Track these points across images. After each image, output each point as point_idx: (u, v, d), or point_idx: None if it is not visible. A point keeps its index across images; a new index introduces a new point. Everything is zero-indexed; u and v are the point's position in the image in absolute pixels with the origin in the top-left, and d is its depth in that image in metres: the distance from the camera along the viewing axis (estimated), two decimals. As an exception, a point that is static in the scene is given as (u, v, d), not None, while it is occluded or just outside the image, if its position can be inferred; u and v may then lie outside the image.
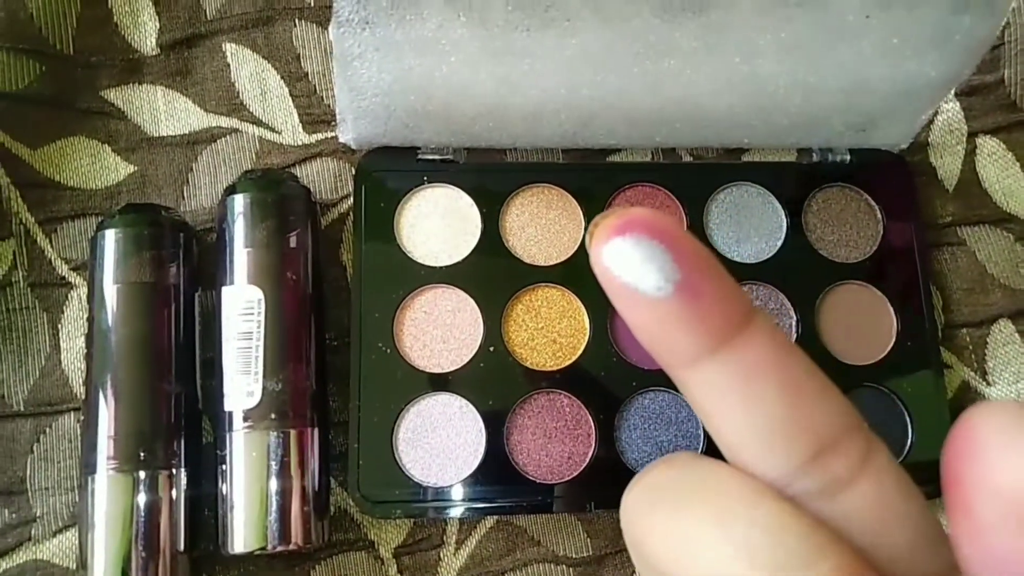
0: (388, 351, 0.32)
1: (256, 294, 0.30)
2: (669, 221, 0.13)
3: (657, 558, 0.14)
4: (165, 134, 0.35)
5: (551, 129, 0.33)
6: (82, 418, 0.30)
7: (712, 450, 0.34)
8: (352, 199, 0.34)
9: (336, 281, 0.34)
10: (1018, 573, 0.12)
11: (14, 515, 0.31)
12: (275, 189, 0.31)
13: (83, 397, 0.30)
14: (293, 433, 0.29)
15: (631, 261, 0.13)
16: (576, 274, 0.34)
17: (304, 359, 0.30)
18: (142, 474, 0.28)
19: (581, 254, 0.34)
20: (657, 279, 0.13)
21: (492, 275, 0.33)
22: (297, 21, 0.36)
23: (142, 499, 0.28)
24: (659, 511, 0.14)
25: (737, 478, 0.14)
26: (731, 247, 0.35)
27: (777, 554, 0.12)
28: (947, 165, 0.37)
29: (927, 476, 0.35)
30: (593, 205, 0.34)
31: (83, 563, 0.28)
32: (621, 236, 0.13)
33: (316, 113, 0.35)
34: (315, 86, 0.35)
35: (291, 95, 0.35)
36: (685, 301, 0.13)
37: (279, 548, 0.29)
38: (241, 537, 0.29)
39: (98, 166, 0.34)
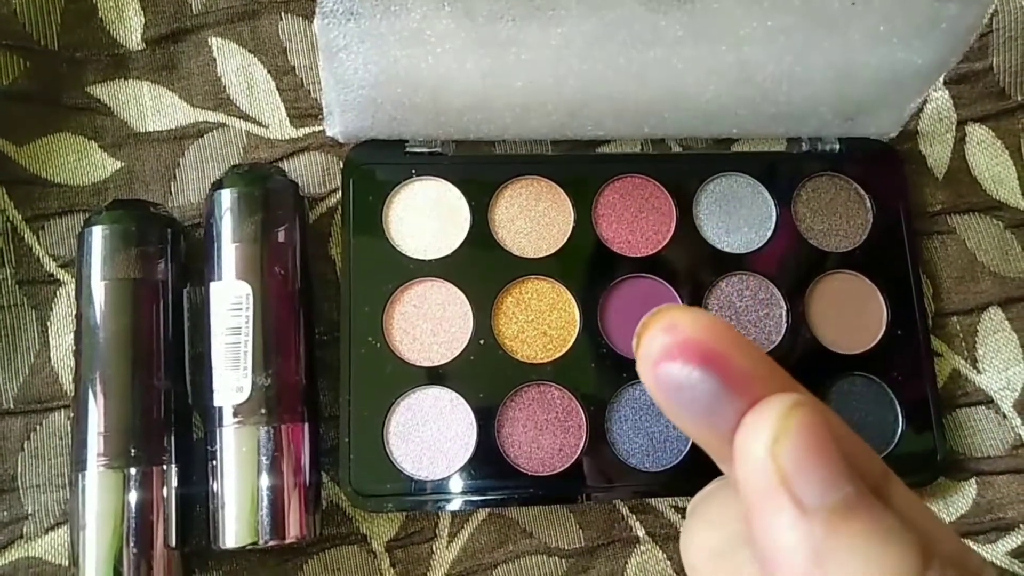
0: (378, 345, 0.32)
1: (244, 289, 0.30)
2: (720, 338, 0.14)
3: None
4: (152, 129, 0.34)
5: (539, 120, 0.33)
6: (72, 415, 0.30)
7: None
8: (340, 193, 0.34)
9: (325, 275, 0.34)
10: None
11: (5, 513, 0.31)
12: (262, 184, 0.31)
13: (73, 394, 0.30)
14: (283, 428, 0.29)
15: (682, 386, 0.14)
16: (566, 266, 0.34)
17: (293, 354, 0.30)
18: (133, 470, 0.28)
19: (571, 246, 0.34)
20: (707, 403, 0.14)
21: (482, 268, 0.33)
22: (283, 15, 0.35)
23: (133, 495, 0.28)
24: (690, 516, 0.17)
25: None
26: (721, 237, 0.35)
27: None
28: (936, 153, 0.37)
29: (918, 464, 0.36)
30: (582, 197, 0.34)
31: (75, 560, 0.28)
32: (671, 360, 0.14)
33: (303, 107, 0.35)
34: (302, 80, 0.35)
35: (278, 89, 0.35)
36: (729, 412, 0.14)
37: (271, 543, 0.29)
38: (233, 532, 0.29)
39: (85, 162, 0.34)
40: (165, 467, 0.29)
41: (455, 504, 0.31)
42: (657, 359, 0.14)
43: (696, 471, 0.32)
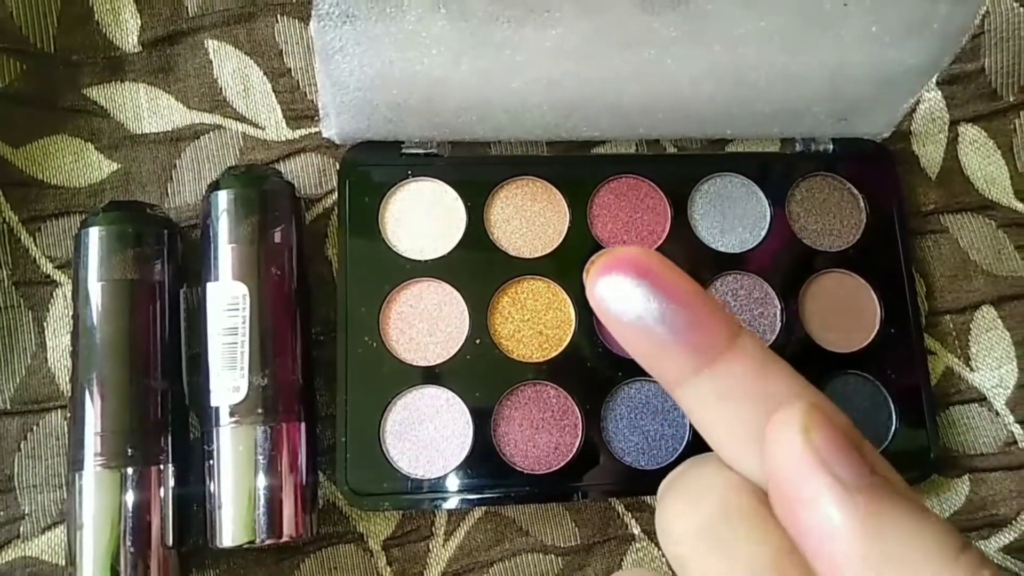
0: (374, 345, 0.32)
1: (241, 290, 0.30)
2: (654, 258, 0.15)
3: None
4: (148, 131, 0.35)
5: (534, 121, 0.34)
6: (69, 415, 0.30)
7: (697, 439, 0.34)
8: (336, 194, 0.34)
9: (322, 276, 0.34)
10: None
11: (2, 513, 0.31)
12: (259, 185, 0.31)
13: (69, 394, 0.30)
14: (280, 427, 0.29)
15: (618, 295, 0.15)
16: (561, 266, 0.34)
17: (290, 354, 0.30)
18: (130, 470, 0.28)
19: (566, 246, 0.34)
20: (641, 310, 0.15)
21: (477, 268, 0.33)
22: (279, 17, 0.36)
23: (130, 495, 0.28)
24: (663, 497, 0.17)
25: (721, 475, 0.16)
26: (715, 237, 0.35)
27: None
28: (929, 153, 0.38)
29: (911, 461, 0.36)
30: (577, 197, 0.35)
31: (72, 559, 0.28)
32: (610, 274, 0.15)
33: (299, 108, 0.35)
34: (298, 81, 0.35)
35: (274, 91, 0.35)
36: (667, 330, 0.15)
37: (268, 542, 0.29)
38: (229, 531, 0.29)
39: (81, 164, 0.34)
40: (162, 467, 0.29)
41: (451, 503, 0.31)
42: (596, 277, 0.15)
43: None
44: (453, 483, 0.32)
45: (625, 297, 0.15)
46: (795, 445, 0.14)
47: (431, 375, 0.32)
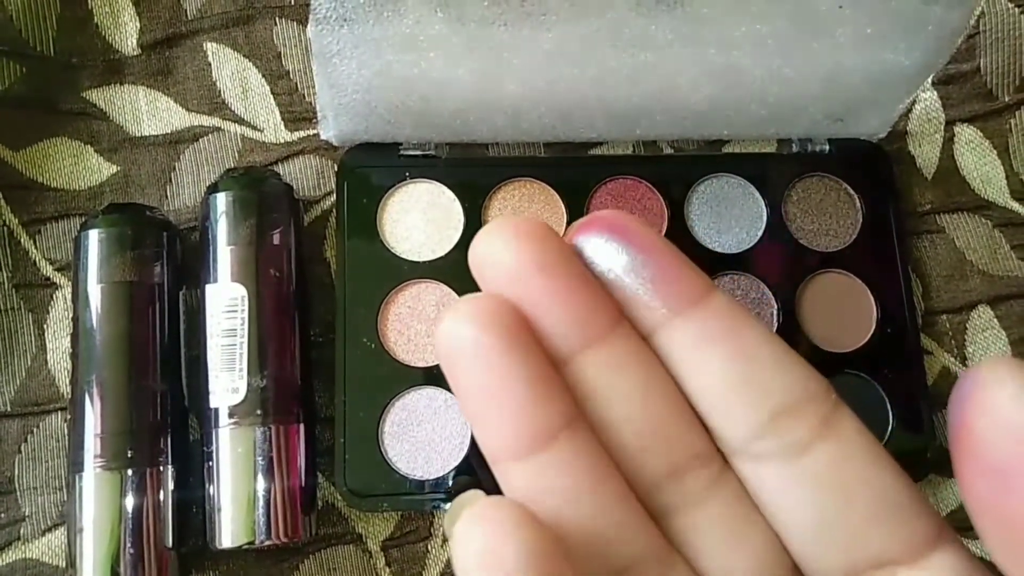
0: (373, 346, 0.32)
1: (239, 291, 0.30)
2: (627, 218, 0.16)
3: None
4: (147, 134, 0.35)
5: (531, 123, 0.34)
6: (69, 417, 0.30)
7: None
8: (335, 195, 0.34)
9: (320, 278, 0.34)
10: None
11: (3, 515, 0.31)
12: (257, 187, 0.31)
13: (69, 396, 0.30)
14: (279, 429, 0.29)
15: (592, 250, 0.16)
16: (559, 267, 0.34)
17: (288, 355, 0.30)
18: (129, 472, 0.29)
19: (563, 247, 0.34)
20: (612, 263, 0.15)
21: (475, 269, 0.34)
22: (277, 19, 0.36)
23: (130, 496, 0.28)
24: None
25: None
26: (712, 238, 0.35)
27: None
28: (925, 153, 0.38)
29: (908, 460, 0.36)
30: (575, 198, 0.35)
31: (72, 561, 0.28)
32: (585, 232, 0.16)
33: (298, 110, 0.35)
34: (296, 84, 0.35)
35: (272, 93, 0.35)
36: (636, 279, 0.15)
37: (267, 542, 0.29)
38: (229, 532, 0.29)
39: (81, 167, 0.34)
40: (162, 468, 0.29)
41: (450, 503, 0.32)
42: (573, 236, 0.16)
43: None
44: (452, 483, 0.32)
45: (597, 251, 0.15)
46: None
47: (429, 376, 0.32)
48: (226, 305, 0.30)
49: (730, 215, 0.36)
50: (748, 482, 0.15)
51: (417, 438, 0.32)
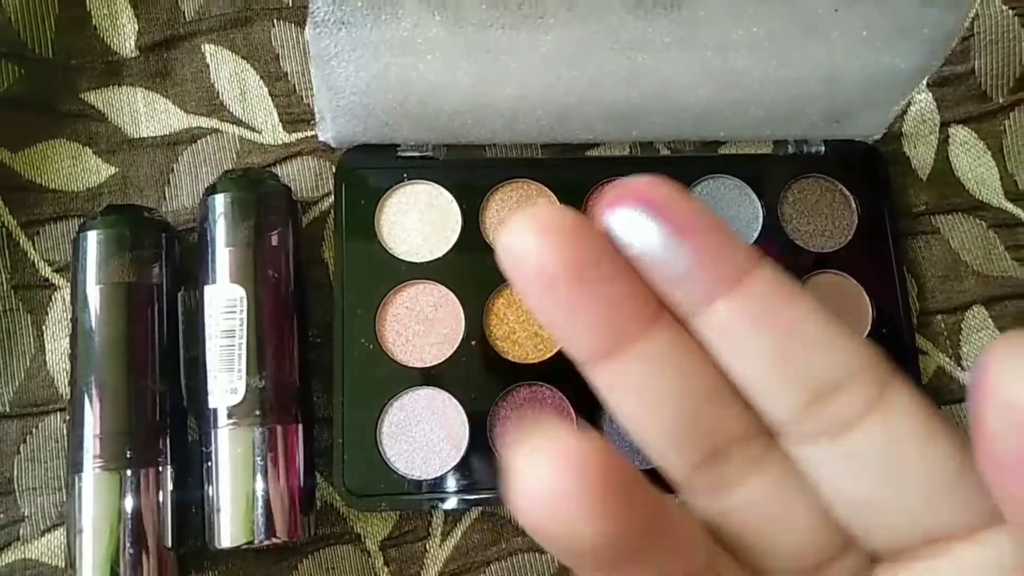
0: (371, 347, 0.33)
1: (238, 292, 0.30)
2: (662, 189, 0.14)
3: None
4: (146, 135, 0.35)
5: (529, 125, 0.34)
6: (68, 418, 0.30)
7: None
8: (333, 197, 0.34)
9: (318, 278, 0.34)
10: None
11: (2, 515, 0.31)
12: (256, 188, 0.32)
13: (68, 397, 0.30)
14: (277, 429, 0.30)
15: (623, 228, 0.14)
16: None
17: (287, 356, 0.30)
18: (129, 472, 0.29)
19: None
20: (644, 244, 0.14)
21: (473, 270, 0.34)
22: (275, 21, 0.36)
23: (129, 497, 0.28)
24: None
25: None
26: (709, 239, 0.35)
27: None
28: (920, 155, 0.38)
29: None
30: (572, 199, 0.35)
31: (71, 562, 0.28)
32: (616, 207, 0.14)
33: (296, 112, 0.35)
34: (294, 85, 0.36)
35: (270, 95, 0.35)
36: (674, 261, 0.14)
37: (266, 542, 0.29)
38: (228, 532, 0.29)
39: (79, 168, 0.34)
40: (161, 469, 0.29)
41: (448, 503, 0.32)
42: (604, 209, 0.14)
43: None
44: (450, 484, 0.32)
45: (628, 229, 0.14)
46: None
47: (427, 377, 0.33)
48: (225, 306, 0.30)
49: (726, 216, 0.36)
50: (796, 461, 0.15)
51: (415, 438, 0.32)
